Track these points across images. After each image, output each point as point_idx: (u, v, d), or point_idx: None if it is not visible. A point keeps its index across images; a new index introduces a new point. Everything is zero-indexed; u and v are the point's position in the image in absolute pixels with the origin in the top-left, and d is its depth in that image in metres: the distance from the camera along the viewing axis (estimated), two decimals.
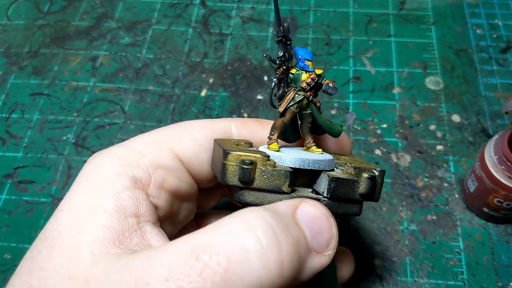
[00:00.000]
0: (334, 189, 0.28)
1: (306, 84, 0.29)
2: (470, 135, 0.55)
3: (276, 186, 0.28)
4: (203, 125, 0.32)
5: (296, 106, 0.30)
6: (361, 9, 0.68)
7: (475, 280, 0.45)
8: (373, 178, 0.28)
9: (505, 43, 0.63)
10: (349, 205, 0.29)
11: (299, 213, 0.26)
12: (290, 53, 0.30)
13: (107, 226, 0.26)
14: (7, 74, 0.63)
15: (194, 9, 0.70)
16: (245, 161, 0.27)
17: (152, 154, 0.30)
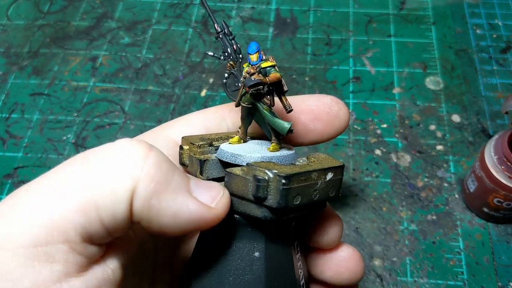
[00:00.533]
0: (227, 184, 0.27)
1: (242, 78, 0.28)
2: (470, 135, 0.55)
3: (194, 172, 0.29)
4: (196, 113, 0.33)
5: (244, 100, 0.28)
6: (361, 9, 0.68)
7: (475, 280, 0.45)
8: (260, 180, 0.25)
9: (505, 43, 0.63)
10: (250, 204, 0.27)
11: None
12: (235, 47, 0.30)
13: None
14: (7, 74, 0.63)
15: (194, 9, 0.70)
16: (180, 146, 0.30)
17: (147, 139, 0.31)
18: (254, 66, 0.28)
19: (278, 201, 0.25)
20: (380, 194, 0.51)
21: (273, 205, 0.25)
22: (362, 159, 0.54)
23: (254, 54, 0.28)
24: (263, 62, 0.28)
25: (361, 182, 0.52)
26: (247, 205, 0.27)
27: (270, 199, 0.25)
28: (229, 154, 0.28)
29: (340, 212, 0.50)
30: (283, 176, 0.25)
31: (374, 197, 0.51)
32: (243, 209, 0.27)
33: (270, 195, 0.25)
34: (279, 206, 0.25)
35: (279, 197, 0.25)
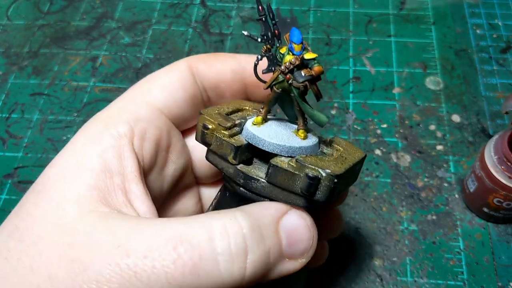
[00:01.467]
0: (272, 175, 0.28)
1: (284, 67, 0.28)
2: (470, 135, 0.55)
3: (224, 154, 0.29)
4: (166, 70, 0.34)
5: (277, 86, 0.29)
6: (361, 9, 0.68)
7: (475, 280, 0.45)
8: (313, 179, 0.26)
9: (505, 43, 0.63)
10: (292, 195, 0.28)
11: (284, 220, 0.27)
12: (275, 32, 0.30)
13: (93, 186, 0.27)
14: (7, 74, 0.63)
15: (194, 9, 0.70)
16: (205, 125, 0.30)
17: (130, 109, 0.31)
18: (298, 57, 0.28)
19: (327, 196, 0.27)
20: (380, 194, 0.51)
21: (322, 199, 0.27)
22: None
23: (298, 44, 0.28)
24: (305, 52, 0.28)
25: (361, 182, 0.52)
26: (288, 195, 0.28)
27: (319, 195, 0.27)
28: (266, 143, 0.29)
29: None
30: (335, 175, 0.26)
31: (374, 197, 0.51)
32: (283, 198, 0.28)
33: (319, 191, 0.27)
34: (327, 200, 0.27)
35: (329, 193, 0.27)
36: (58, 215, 0.25)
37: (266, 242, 0.26)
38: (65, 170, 0.28)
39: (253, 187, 0.29)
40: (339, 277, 0.46)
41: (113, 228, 0.25)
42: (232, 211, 0.26)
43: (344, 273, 0.46)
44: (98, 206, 0.26)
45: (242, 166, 0.30)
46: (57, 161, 0.29)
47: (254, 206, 0.28)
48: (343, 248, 0.48)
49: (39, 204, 0.26)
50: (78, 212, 0.26)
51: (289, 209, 0.28)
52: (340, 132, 0.56)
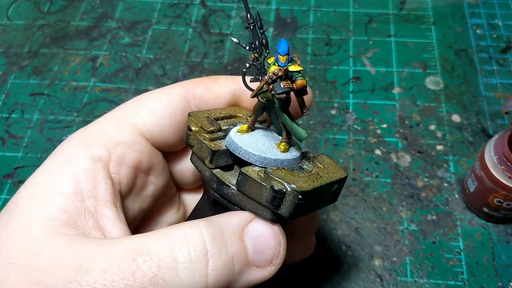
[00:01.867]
0: (241, 183, 0.28)
1: (268, 77, 0.28)
2: (470, 135, 0.55)
3: (202, 157, 0.30)
4: (158, 93, 0.33)
5: (262, 96, 0.29)
6: (361, 9, 0.68)
7: (475, 280, 0.45)
8: (278, 192, 0.26)
9: (505, 43, 0.63)
10: (260, 206, 0.28)
11: (249, 227, 0.27)
12: (262, 41, 0.29)
13: (63, 209, 0.27)
14: (7, 74, 0.63)
15: (194, 9, 0.70)
16: (189, 127, 0.30)
17: (110, 131, 0.31)
18: (282, 68, 0.27)
19: (291, 212, 0.26)
20: (380, 194, 0.51)
21: (285, 214, 0.27)
22: (362, 159, 0.54)
23: (284, 56, 0.27)
24: (291, 64, 0.28)
25: (361, 182, 0.52)
26: (256, 205, 0.28)
27: (283, 209, 0.26)
28: (242, 151, 0.29)
29: (340, 212, 0.50)
30: (300, 192, 0.26)
31: (374, 197, 0.51)
32: (251, 208, 0.28)
33: (284, 205, 0.26)
34: (291, 217, 0.27)
35: (292, 209, 0.26)
36: (24, 238, 0.26)
37: (230, 249, 0.26)
38: (36, 191, 0.28)
39: (224, 193, 0.29)
40: (339, 277, 0.46)
41: (77, 250, 0.25)
42: (195, 220, 0.27)
43: (344, 273, 0.46)
44: (66, 229, 0.26)
45: (218, 171, 0.30)
46: (30, 181, 0.29)
47: (220, 215, 0.28)
48: (343, 248, 0.48)
49: (8, 225, 0.27)
50: (44, 235, 0.26)
51: (255, 217, 0.28)
52: (340, 132, 0.56)
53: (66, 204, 0.27)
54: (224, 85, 0.34)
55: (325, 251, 0.48)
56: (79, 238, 0.26)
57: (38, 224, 0.26)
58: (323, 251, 0.48)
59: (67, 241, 0.25)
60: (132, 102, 0.33)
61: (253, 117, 0.30)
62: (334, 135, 0.56)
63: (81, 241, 0.26)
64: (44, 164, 0.30)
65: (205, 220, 0.27)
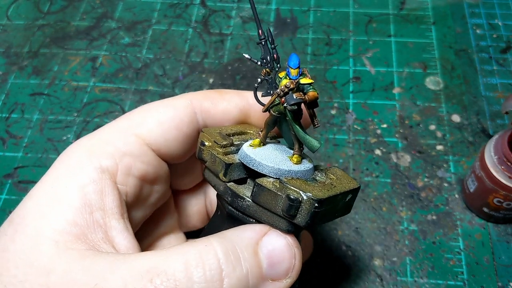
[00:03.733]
0: (256, 194, 0.28)
1: (280, 90, 0.29)
2: (470, 135, 0.55)
3: (216, 171, 0.30)
4: (165, 104, 0.33)
5: (274, 109, 0.30)
6: (361, 9, 0.68)
7: (475, 280, 0.45)
8: (293, 200, 0.26)
9: (505, 43, 0.63)
10: (275, 217, 0.28)
11: (263, 241, 0.27)
12: (274, 56, 0.30)
13: (72, 222, 0.26)
14: (7, 74, 0.63)
15: (194, 9, 0.70)
16: (202, 142, 0.31)
17: (117, 141, 0.31)
18: (294, 81, 0.28)
19: (307, 221, 0.27)
20: (380, 194, 0.51)
21: (301, 224, 0.27)
22: (362, 159, 0.54)
23: (295, 69, 0.28)
24: (302, 77, 0.28)
25: (361, 182, 0.52)
26: (271, 216, 0.28)
27: (299, 218, 0.27)
28: (256, 163, 0.29)
29: None
30: (316, 200, 0.26)
31: (374, 197, 0.51)
32: (266, 219, 0.28)
33: (300, 214, 0.27)
34: (307, 226, 0.27)
35: (309, 218, 0.27)
36: (34, 254, 0.25)
37: (244, 265, 0.26)
38: (43, 204, 0.27)
39: (239, 205, 0.29)
40: (339, 277, 0.46)
41: (89, 267, 0.25)
42: (209, 237, 0.26)
43: (344, 273, 0.46)
44: (76, 243, 0.26)
45: (232, 184, 0.30)
46: (36, 191, 0.28)
47: (234, 229, 0.28)
48: (343, 248, 0.48)
49: (16, 240, 0.26)
50: (54, 250, 0.25)
51: (269, 229, 0.28)
52: (340, 132, 0.56)
53: (75, 217, 0.27)
54: (232, 100, 0.34)
55: (325, 251, 0.48)
56: (90, 253, 0.25)
57: (48, 238, 0.26)
58: (323, 251, 0.48)
59: (78, 257, 0.25)
60: (138, 112, 0.33)
61: (265, 132, 0.31)
62: (334, 135, 0.56)
63: (93, 257, 0.25)
64: (48, 173, 0.29)
65: (219, 236, 0.26)
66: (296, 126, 0.29)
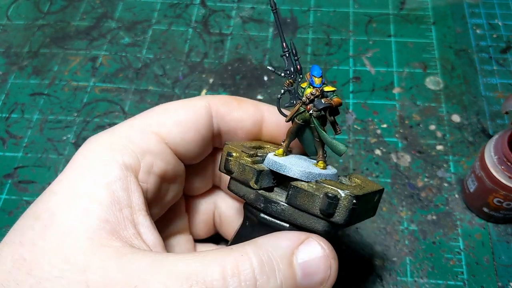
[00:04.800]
0: (292, 197, 0.28)
1: (305, 97, 0.30)
2: (470, 135, 0.55)
3: (246, 180, 0.30)
4: (184, 105, 0.33)
5: (299, 117, 0.31)
6: (361, 9, 0.68)
7: (475, 280, 0.45)
8: (333, 198, 0.27)
9: (505, 43, 0.63)
10: (312, 218, 0.29)
11: (299, 251, 0.27)
12: (297, 67, 0.32)
13: (103, 219, 0.26)
14: (7, 74, 0.63)
15: (194, 9, 0.70)
16: (229, 153, 0.31)
17: (138, 139, 0.31)
18: (318, 89, 0.30)
19: (345, 218, 0.27)
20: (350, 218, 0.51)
21: (340, 221, 0.27)
22: (362, 159, 0.54)
23: (318, 78, 0.30)
24: (325, 86, 0.31)
25: None
26: (307, 218, 0.29)
27: (337, 216, 0.27)
28: (287, 168, 0.30)
29: None
30: (354, 196, 0.27)
31: None
32: (302, 221, 0.29)
33: (338, 212, 0.27)
34: (345, 223, 0.27)
35: (347, 215, 0.27)
36: (69, 250, 0.25)
37: (279, 276, 0.26)
38: (72, 201, 0.27)
39: (273, 210, 0.29)
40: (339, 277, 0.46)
41: (126, 266, 0.25)
42: (244, 244, 0.27)
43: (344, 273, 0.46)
44: (110, 240, 0.26)
45: (263, 192, 0.30)
46: (61, 187, 0.28)
47: (269, 237, 0.28)
48: (343, 248, 0.48)
49: (46, 236, 0.26)
50: (90, 247, 0.25)
51: (306, 238, 0.28)
52: None
53: (106, 214, 0.27)
54: (248, 111, 0.35)
55: None
56: (126, 251, 0.25)
57: (81, 235, 0.25)
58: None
59: (114, 254, 0.25)
60: (157, 111, 0.33)
61: (287, 141, 0.32)
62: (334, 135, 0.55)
63: (130, 255, 0.25)
64: (71, 168, 0.29)
65: (255, 245, 0.27)
66: (322, 132, 0.31)
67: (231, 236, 0.41)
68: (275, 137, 0.36)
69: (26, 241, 0.26)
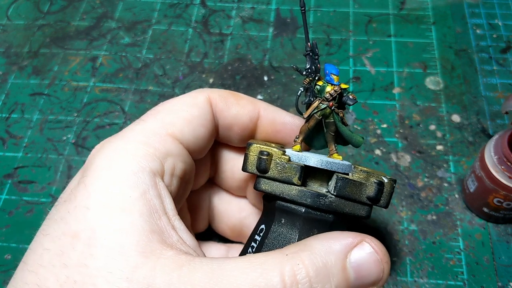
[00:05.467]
0: (341, 188, 0.30)
1: (329, 94, 0.32)
2: (470, 135, 0.55)
3: (287, 177, 0.31)
4: (188, 102, 0.34)
5: (319, 113, 0.32)
6: (361, 9, 0.68)
7: (475, 280, 0.45)
8: (381, 184, 0.30)
9: (505, 43, 0.63)
10: (357, 206, 0.31)
11: (352, 255, 0.28)
12: (317, 66, 0.33)
13: (149, 230, 0.26)
14: (7, 74, 0.63)
15: (194, 9, 0.70)
16: (263, 152, 0.31)
17: (156, 143, 0.31)
18: (339, 86, 0.32)
19: (387, 202, 0.31)
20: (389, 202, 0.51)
21: (384, 205, 0.32)
22: (362, 159, 0.54)
23: (337, 76, 0.32)
24: (342, 84, 0.32)
25: None
26: (353, 206, 0.31)
27: (382, 201, 0.31)
28: (329, 162, 0.31)
29: None
30: (394, 180, 0.31)
31: None
32: (348, 210, 0.31)
33: (383, 197, 0.31)
34: (386, 206, 0.31)
35: (389, 198, 0.31)
36: (125, 267, 0.24)
37: (333, 282, 0.26)
38: (110, 215, 0.26)
39: (321, 204, 0.30)
40: None
41: (189, 277, 0.24)
42: (298, 251, 0.27)
43: None
44: (164, 250, 0.25)
45: (307, 187, 0.31)
46: (93, 202, 0.27)
47: (321, 240, 0.28)
48: None
49: (96, 255, 0.25)
50: (146, 262, 0.25)
51: (360, 242, 0.28)
52: None
53: (150, 225, 0.26)
54: (246, 107, 0.35)
55: None
56: (181, 260, 0.25)
57: (133, 250, 0.25)
58: None
59: (174, 266, 0.25)
60: (164, 111, 0.33)
61: (302, 137, 0.34)
62: None
63: (188, 265, 0.25)
64: (94, 180, 0.28)
65: (308, 250, 0.27)
66: (342, 126, 0.33)
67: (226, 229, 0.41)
68: (269, 134, 0.36)
69: (71, 262, 0.25)
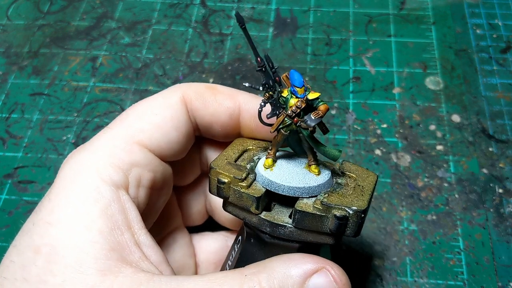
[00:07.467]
0: (299, 221, 0.28)
1: (291, 111, 0.29)
2: (470, 135, 0.55)
3: (245, 206, 0.29)
4: (159, 104, 0.32)
5: (285, 130, 0.30)
6: (361, 9, 0.68)
7: (475, 280, 0.45)
8: (343, 218, 0.27)
9: (505, 43, 0.63)
10: (321, 236, 0.29)
11: (311, 280, 0.27)
12: (275, 79, 0.30)
13: (108, 248, 0.26)
14: (7, 74, 0.63)
15: (194, 9, 0.70)
16: (220, 180, 0.30)
17: (121, 153, 0.29)
18: (303, 100, 0.29)
19: (355, 231, 0.28)
20: (380, 194, 0.51)
21: (351, 235, 0.28)
22: (362, 159, 0.54)
23: (301, 88, 0.29)
24: (308, 93, 0.29)
25: None
26: (317, 236, 0.29)
27: (348, 231, 0.28)
28: (286, 188, 0.29)
29: None
30: (361, 211, 0.27)
31: (374, 197, 0.51)
32: (312, 239, 0.29)
33: (348, 228, 0.28)
34: (356, 235, 0.28)
35: (357, 228, 0.28)
36: (83, 286, 0.24)
37: None
38: (71, 232, 0.26)
39: (280, 233, 0.29)
40: None
41: None
42: (256, 273, 0.26)
43: None
44: (122, 268, 0.25)
45: (265, 214, 0.30)
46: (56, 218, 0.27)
47: (281, 262, 0.27)
48: (343, 248, 0.48)
49: (55, 272, 0.25)
50: (104, 280, 0.24)
51: (320, 269, 0.27)
52: (340, 132, 0.56)
53: (110, 243, 0.26)
54: (224, 104, 0.33)
55: None
56: (139, 279, 0.25)
57: (92, 268, 0.25)
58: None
59: (131, 283, 0.24)
60: (133, 116, 0.32)
61: (274, 150, 0.31)
62: (334, 135, 0.56)
63: (146, 283, 0.24)
64: (58, 195, 0.28)
65: (268, 273, 0.26)
66: (313, 143, 0.30)
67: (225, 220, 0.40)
68: (253, 130, 0.34)
69: (32, 278, 0.25)
